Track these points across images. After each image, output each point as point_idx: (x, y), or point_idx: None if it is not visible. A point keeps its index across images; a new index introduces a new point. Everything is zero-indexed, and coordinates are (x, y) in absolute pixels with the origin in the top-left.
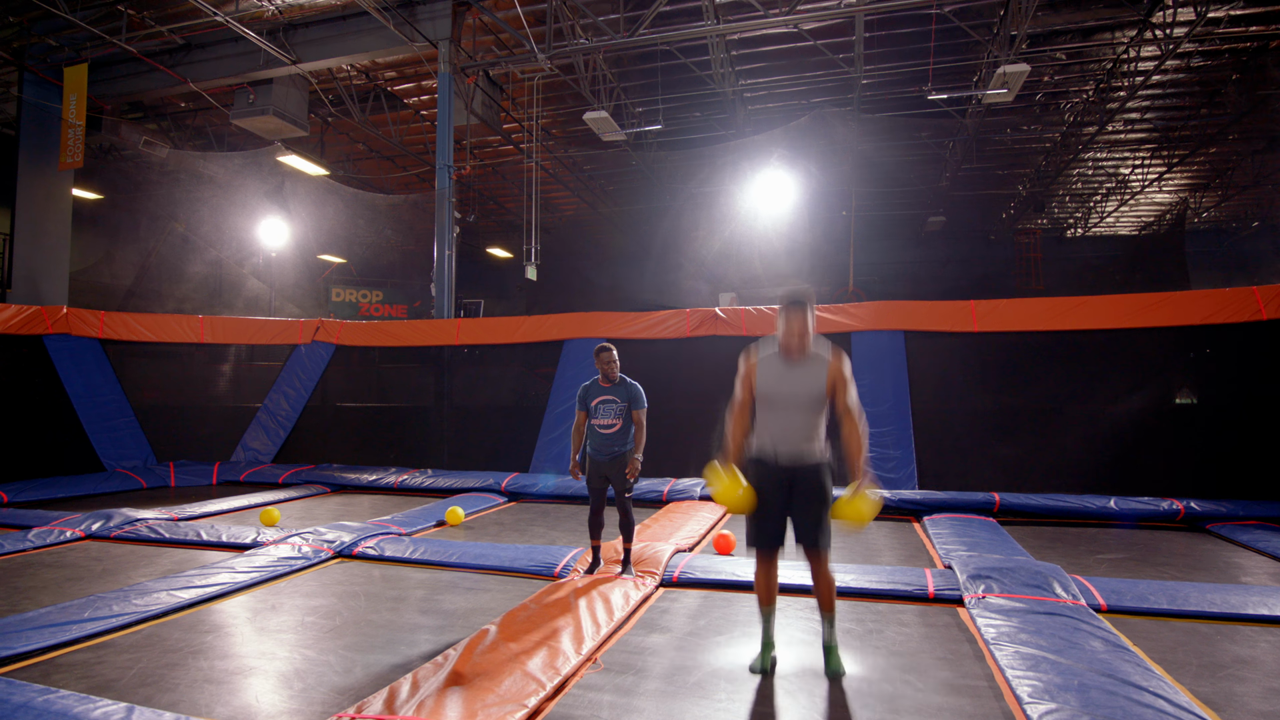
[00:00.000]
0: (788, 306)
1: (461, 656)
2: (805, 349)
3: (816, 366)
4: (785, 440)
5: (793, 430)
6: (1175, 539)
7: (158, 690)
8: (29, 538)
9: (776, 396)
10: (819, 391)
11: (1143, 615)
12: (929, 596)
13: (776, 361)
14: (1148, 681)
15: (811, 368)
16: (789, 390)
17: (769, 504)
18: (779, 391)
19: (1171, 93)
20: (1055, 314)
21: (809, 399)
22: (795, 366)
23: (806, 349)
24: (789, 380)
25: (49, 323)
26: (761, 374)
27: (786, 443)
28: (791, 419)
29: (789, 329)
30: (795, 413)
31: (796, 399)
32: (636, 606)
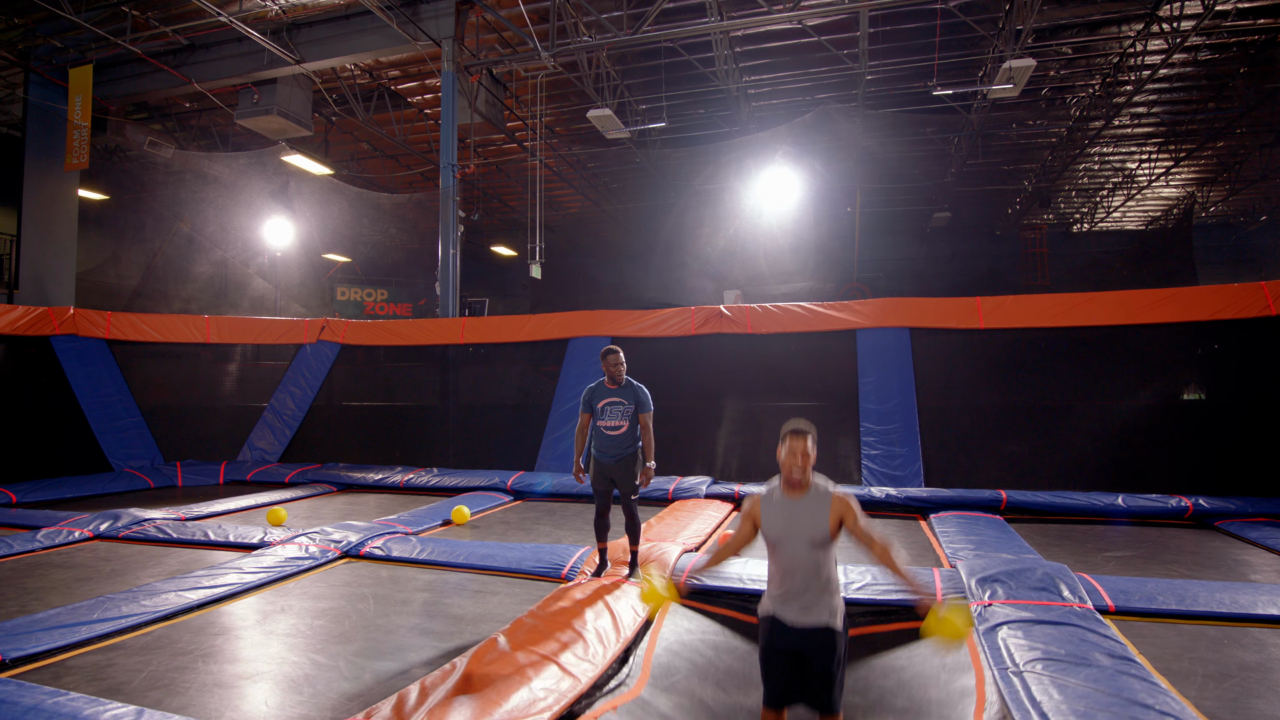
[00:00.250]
0: (790, 434)
1: (469, 665)
2: (807, 483)
3: (819, 501)
4: (794, 593)
5: (801, 577)
6: (1184, 536)
7: (167, 694)
8: (38, 538)
9: (782, 536)
10: (824, 528)
11: (1150, 618)
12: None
13: (781, 500)
14: (1155, 700)
15: (814, 503)
16: (794, 528)
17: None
18: (785, 531)
19: (1178, 86)
20: (1062, 310)
21: (814, 537)
22: (798, 503)
23: (808, 483)
24: (793, 517)
25: (56, 324)
26: (766, 513)
27: (796, 596)
28: (798, 561)
29: (791, 458)
30: (801, 553)
31: (801, 538)
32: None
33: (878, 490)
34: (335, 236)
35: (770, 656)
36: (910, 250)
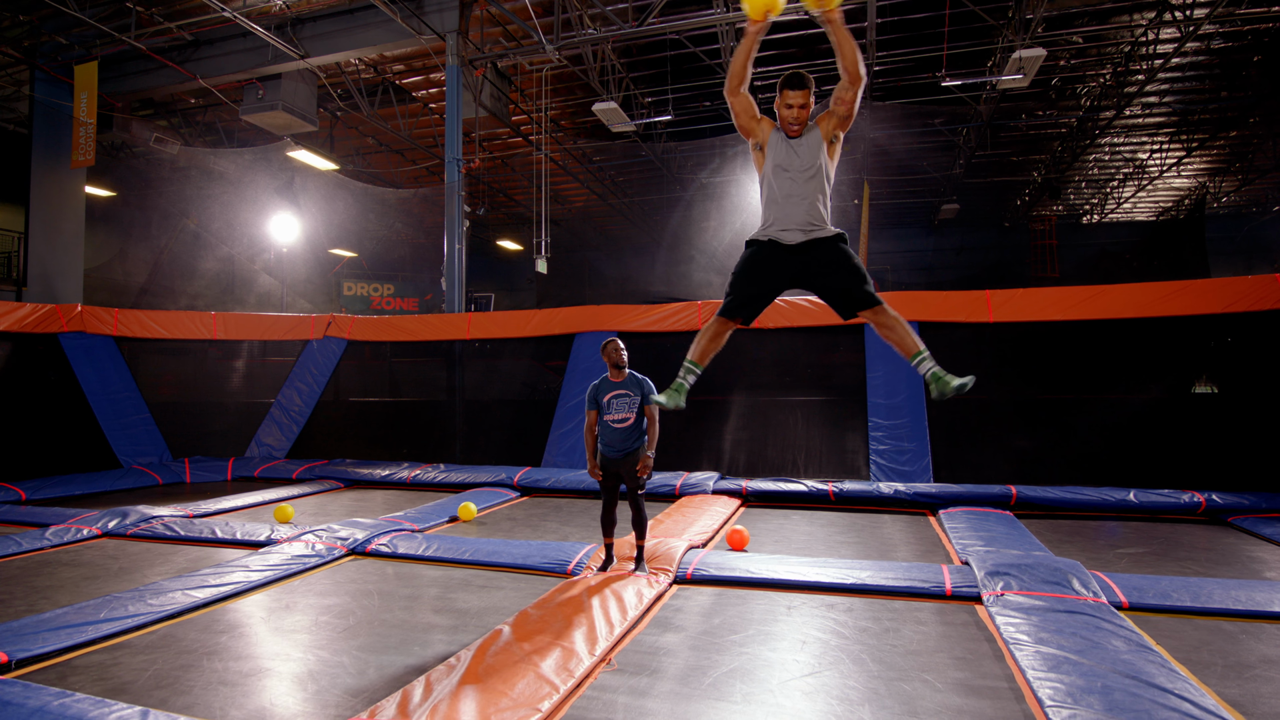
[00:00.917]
0: (786, 85)
1: (474, 658)
2: (804, 124)
3: (812, 133)
4: (791, 217)
5: (799, 204)
6: (1196, 532)
7: (173, 693)
8: (46, 536)
9: (782, 166)
10: (822, 156)
11: (1165, 613)
12: (946, 594)
13: (782, 137)
14: (1172, 683)
15: (810, 137)
16: (796, 162)
17: (758, 279)
18: (786, 162)
19: (1191, 75)
20: (1072, 303)
21: (814, 168)
22: (798, 141)
23: (805, 124)
24: (794, 154)
25: (64, 321)
26: (774, 141)
27: (793, 219)
28: (798, 187)
29: (788, 111)
30: (801, 181)
31: (803, 168)
32: (650, 605)
33: (886, 486)
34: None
35: (754, 266)
36: (918, 243)
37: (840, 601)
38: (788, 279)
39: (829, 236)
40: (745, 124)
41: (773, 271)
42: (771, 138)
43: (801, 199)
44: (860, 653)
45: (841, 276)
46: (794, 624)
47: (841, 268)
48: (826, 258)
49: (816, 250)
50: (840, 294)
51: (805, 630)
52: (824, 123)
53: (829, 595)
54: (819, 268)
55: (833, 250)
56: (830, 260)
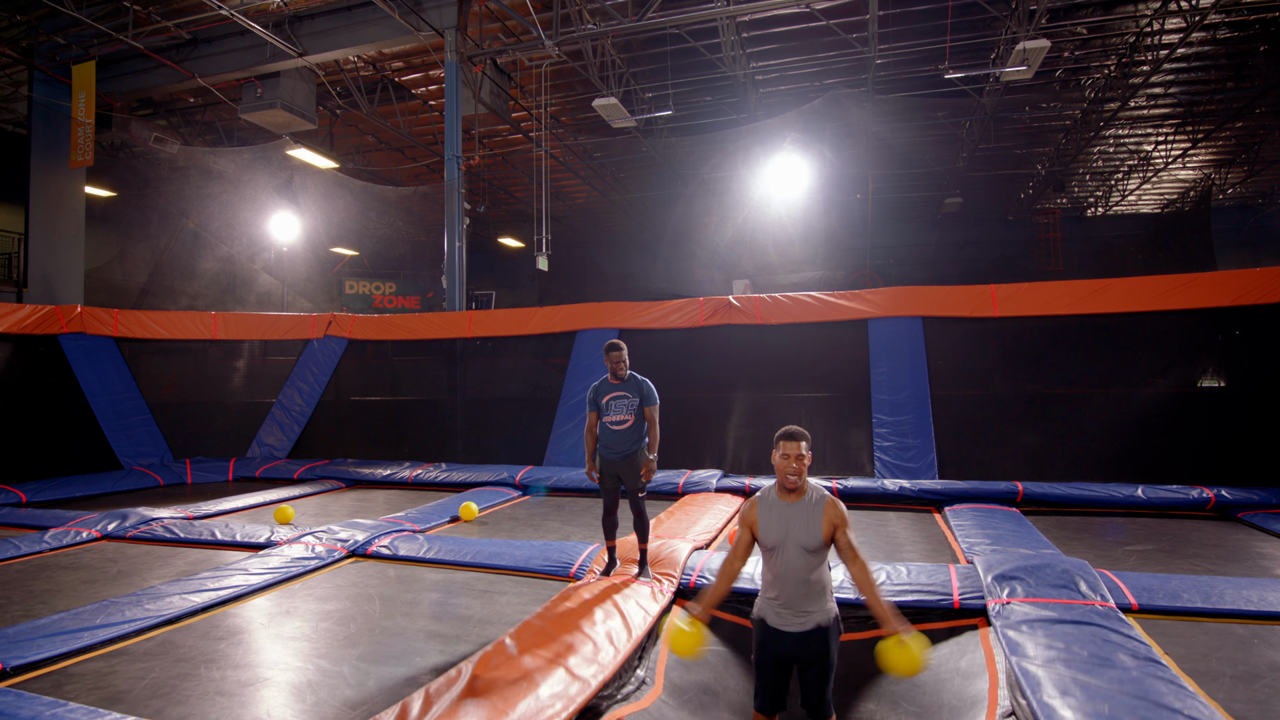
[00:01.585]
0: (784, 438)
1: (475, 672)
2: (804, 488)
3: (814, 508)
4: (788, 600)
5: (795, 583)
6: (1206, 528)
7: (169, 703)
8: (45, 539)
9: (778, 542)
10: (817, 535)
11: (1175, 615)
12: (954, 607)
13: (776, 504)
14: (1182, 703)
15: (808, 509)
16: (789, 534)
17: (769, 671)
18: (780, 537)
19: (1196, 66)
20: (1078, 297)
21: (808, 544)
22: (793, 508)
23: (805, 488)
24: (788, 523)
25: (64, 322)
26: (764, 519)
27: (790, 603)
28: (792, 567)
29: (785, 462)
30: (795, 559)
31: (796, 544)
32: (654, 621)
33: (890, 483)
34: (341, 230)
35: (764, 661)
36: (921, 237)
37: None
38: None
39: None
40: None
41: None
42: (761, 514)
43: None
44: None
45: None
46: None
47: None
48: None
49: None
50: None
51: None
52: (829, 514)
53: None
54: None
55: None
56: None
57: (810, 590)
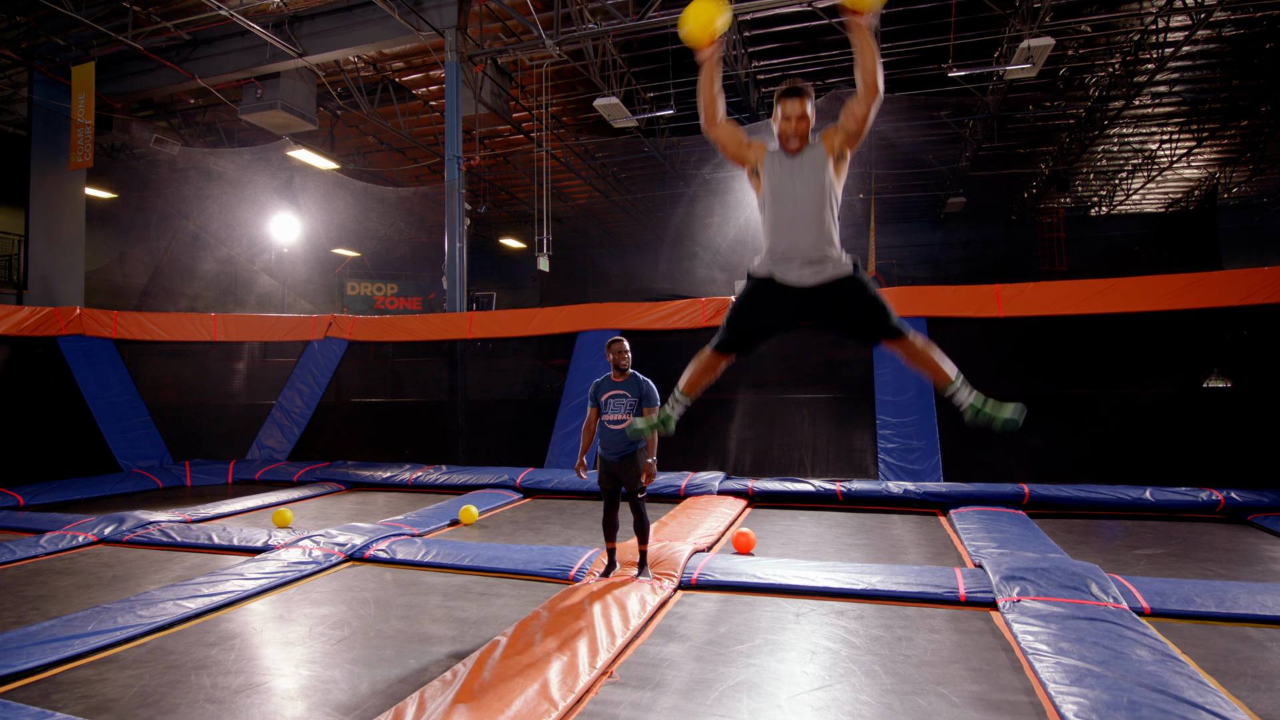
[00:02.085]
0: (784, 96)
1: (471, 673)
2: (805, 138)
3: (816, 149)
4: (795, 246)
5: (803, 231)
6: (1216, 532)
7: (158, 711)
8: (41, 543)
9: (781, 186)
10: (827, 175)
11: (1189, 619)
12: (960, 600)
13: (779, 157)
14: (1202, 697)
15: (812, 153)
16: (796, 180)
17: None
18: (785, 181)
19: (1202, 64)
20: (1084, 297)
21: (822, 186)
22: (798, 159)
23: (806, 139)
24: (796, 171)
25: (63, 324)
26: (769, 164)
27: (797, 249)
28: (801, 211)
29: (786, 124)
30: (806, 203)
31: (805, 187)
32: (653, 613)
33: (895, 485)
34: (342, 231)
35: (752, 302)
36: (924, 237)
37: (850, 608)
38: (790, 317)
39: (840, 278)
40: (735, 153)
41: (773, 309)
42: (767, 160)
43: (805, 224)
44: (872, 664)
45: (857, 312)
46: (803, 632)
47: (856, 304)
48: (839, 298)
49: (826, 292)
50: (859, 329)
51: (814, 639)
52: (829, 138)
53: (839, 601)
54: (831, 308)
55: (846, 290)
56: (844, 300)
57: (822, 237)
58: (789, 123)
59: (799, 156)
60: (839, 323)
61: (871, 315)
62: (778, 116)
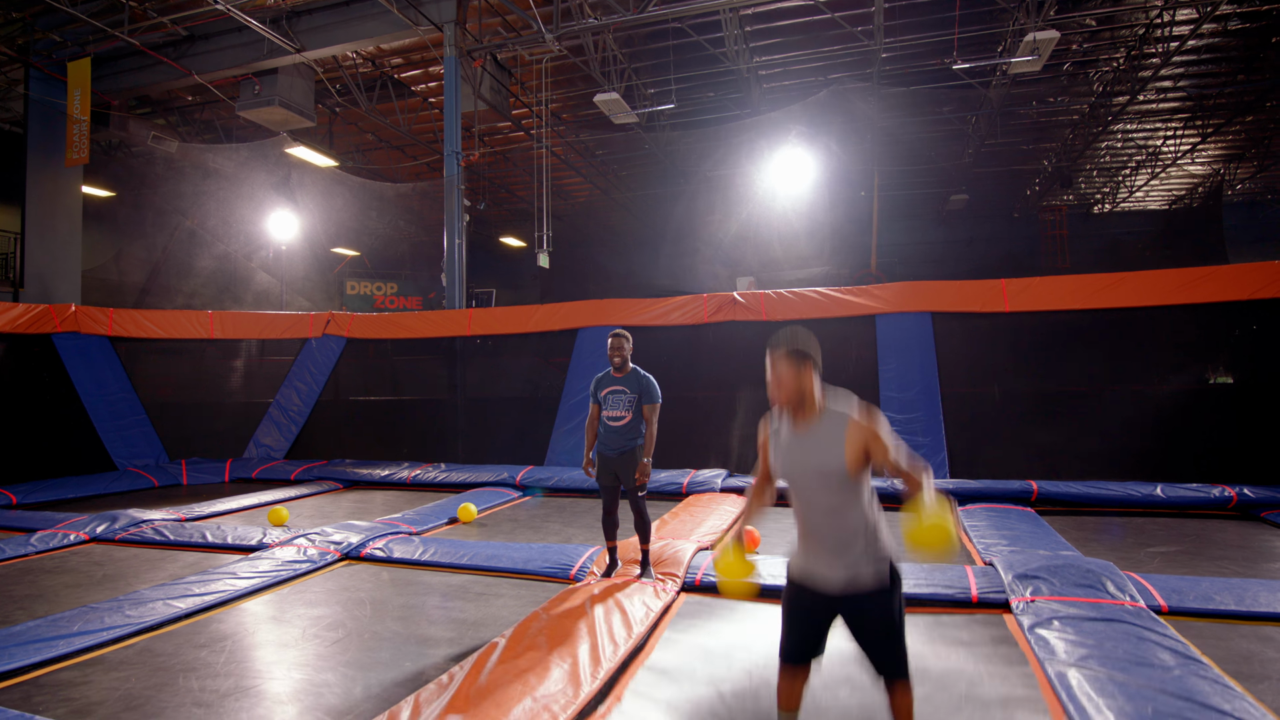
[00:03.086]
0: (768, 354)
1: (468, 676)
2: (810, 408)
3: (832, 427)
4: (821, 547)
5: (824, 527)
6: (1228, 528)
7: (143, 715)
8: (32, 542)
9: (792, 475)
10: (838, 462)
11: (1208, 618)
12: (973, 600)
13: (787, 430)
14: (1229, 703)
15: (825, 430)
16: (805, 465)
17: (801, 625)
18: (794, 468)
19: (1207, 58)
20: (1092, 291)
21: (828, 474)
22: (807, 435)
23: (813, 408)
24: (803, 452)
25: (58, 321)
26: (774, 447)
27: (824, 551)
28: (815, 506)
29: (773, 383)
30: (818, 495)
31: (814, 477)
32: (657, 619)
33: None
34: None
35: (793, 611)
36: (927, 234)
37: None
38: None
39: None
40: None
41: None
42: (770, 438)
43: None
44: None
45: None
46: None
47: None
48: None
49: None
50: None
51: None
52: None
53: None
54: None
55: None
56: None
57: (846, 535)
58: (772, 389)
59: (809, 433)
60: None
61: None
62: (768, 377)
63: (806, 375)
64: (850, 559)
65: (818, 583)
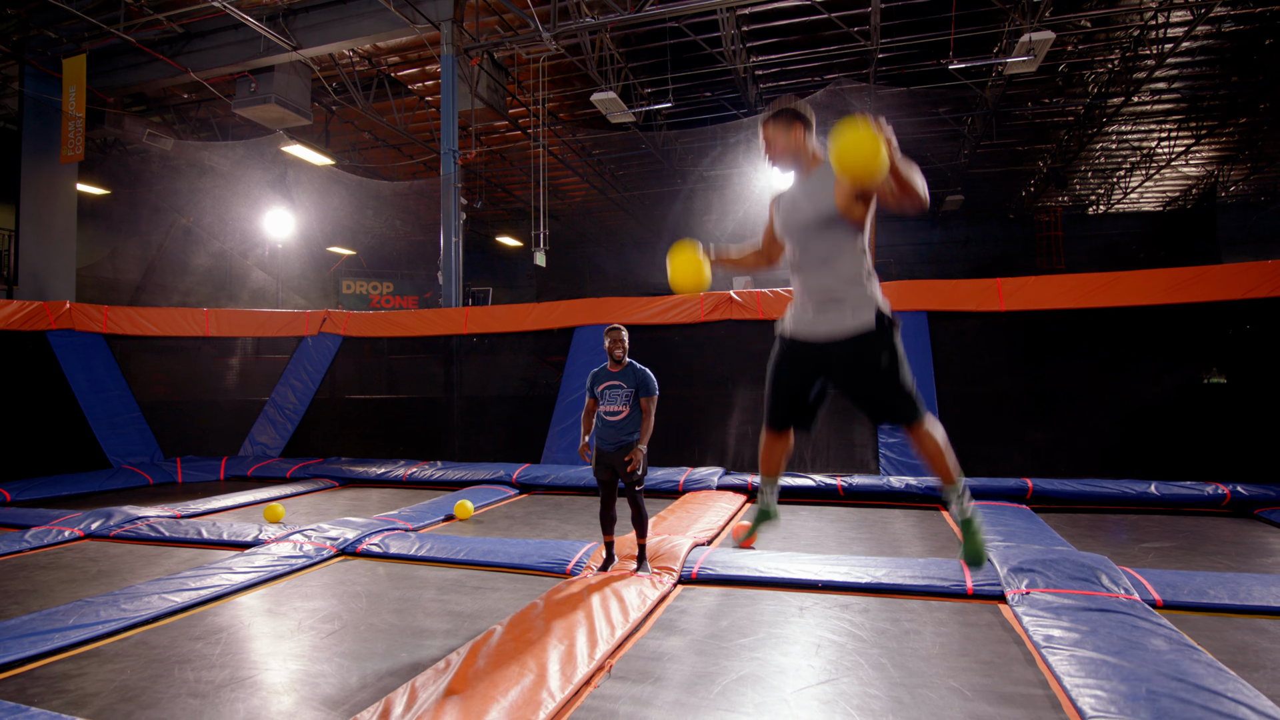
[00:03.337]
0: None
1: (464, 663)
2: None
3: (827, 171)
4: (813, 294)
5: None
6: (1223, 525)
7: (138, 706)
8: (25, 538)
9: (789, 223)
10: (829, 202)
11: (1203, 611)
12: (968, 593)
13: (792, 184)
14: (1223, 685)
15: (820, 176)
16: (800, 209)
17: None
18: (791, 220)
19: (1201, 60)
20: (1087, 290)
21: (821, 217)
22: (806, 182)
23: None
24: (800, 196)
25: (52, 318)
26: (779, 204)
27: (814, 298)
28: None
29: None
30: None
31: (808, 218)
32: (653, 606)
33: (896, 480)
34: (337, 228)
35: (780, 368)
36: (922, 235)
37: (855, 601)
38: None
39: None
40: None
41: (799, 372)
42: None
43: (816, 265)
44: (880, 657)
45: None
46: (807, 626)
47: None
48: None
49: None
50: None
51: (819, 633)
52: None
53: (843, 595)
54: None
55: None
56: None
57: (839, 279)
58: (765, 148)
59: (808, 180)
60: (849, 389)
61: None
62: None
63: (796, 132)
64: (840, 307)
65: (805, 334)
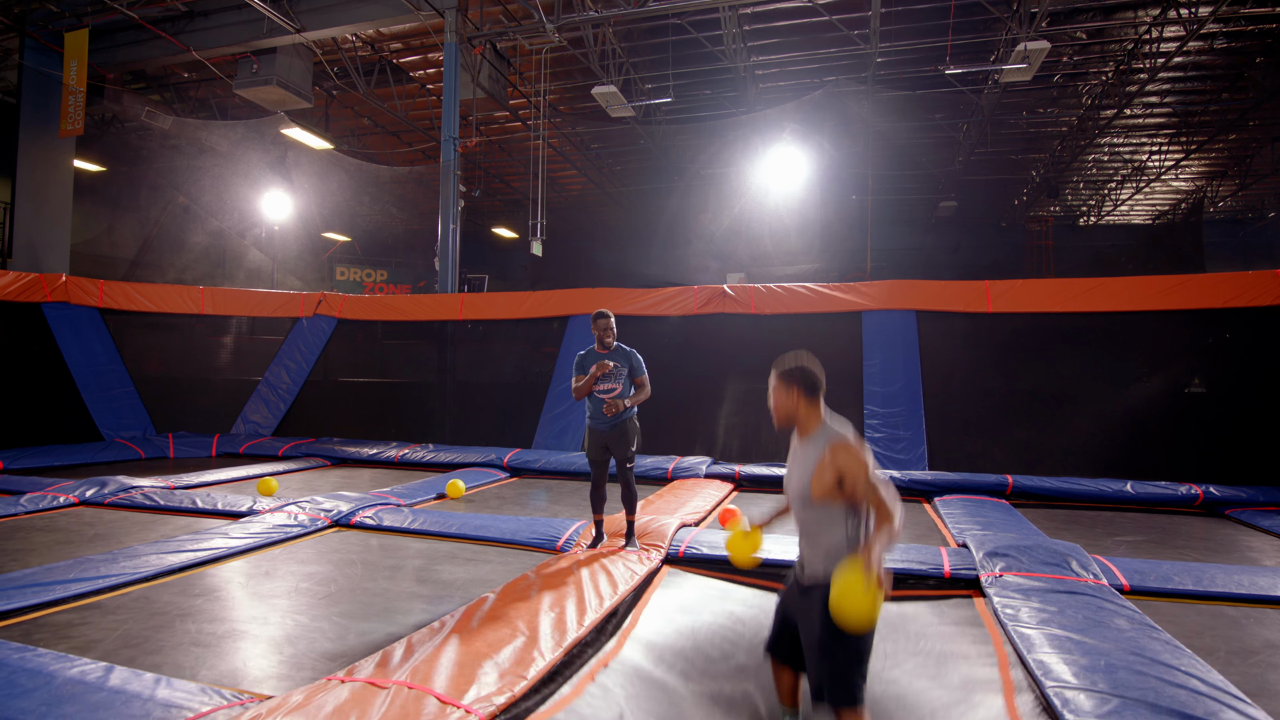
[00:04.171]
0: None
1: (459, 623)
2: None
3: (814, 449)
4: (803, 545)
5: (802, 533)
6: (1194, 523)
7: (142, 652)
8: (21, 502)
9: (786, 487)
10: (803, 484)
11: (1167, 597)
12: (945, 576)
13: (793, 444)
14: (1178, 660)
15: (809, 451)
16: (791, 475)
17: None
18: (786, 481)
19: (1193, 75)
20: (1072, 295)
21: (800, 491)
22: (801, 447)
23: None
24: (793, 462)
25: (48, 290)
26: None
27: (802, 551)
28: (796, 513)
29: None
30: (796, 506)
31: (793, 488)
32: (641, 581)
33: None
34: (334, 212)
35: (780, 603)
36: (914, 240)
37: None
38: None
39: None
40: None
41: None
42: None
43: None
44: None
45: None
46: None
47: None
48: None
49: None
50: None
51: None
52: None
53: None
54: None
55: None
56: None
57: (816, 547)
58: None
59: (803, 446)
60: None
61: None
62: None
63: (793, 397)
64: (812, 561)
65: (797, 573)
